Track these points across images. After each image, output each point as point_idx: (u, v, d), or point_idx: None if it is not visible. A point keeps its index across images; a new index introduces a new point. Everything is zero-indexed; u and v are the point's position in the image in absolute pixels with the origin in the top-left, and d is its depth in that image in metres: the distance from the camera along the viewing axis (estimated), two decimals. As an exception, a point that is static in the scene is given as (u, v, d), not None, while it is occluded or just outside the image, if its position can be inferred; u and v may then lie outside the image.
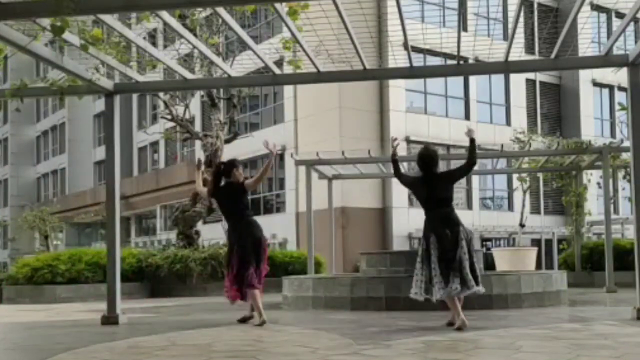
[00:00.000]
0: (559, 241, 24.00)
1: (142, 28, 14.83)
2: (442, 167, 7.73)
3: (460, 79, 31.07)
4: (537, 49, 30.73)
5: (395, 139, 7.80)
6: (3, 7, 6.16)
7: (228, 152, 20.04)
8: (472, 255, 7.17)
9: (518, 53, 9.26)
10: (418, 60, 9.91)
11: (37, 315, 10.81)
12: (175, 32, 7.89)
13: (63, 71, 7.98)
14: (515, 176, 23.35)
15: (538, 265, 21.55)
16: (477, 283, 7.09)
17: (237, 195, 8.14)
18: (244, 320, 8.22)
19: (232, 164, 8.26)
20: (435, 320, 7.87)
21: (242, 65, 13.41)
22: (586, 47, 9.06)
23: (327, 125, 28.21)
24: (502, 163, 20.03)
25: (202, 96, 23.08)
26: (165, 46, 22.16)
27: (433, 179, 7.32)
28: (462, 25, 20.49)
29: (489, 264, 17.49)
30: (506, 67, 8.85)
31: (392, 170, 7.85)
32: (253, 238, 8.00)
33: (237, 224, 8.09)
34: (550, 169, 18.00)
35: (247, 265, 7.89)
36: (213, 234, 22.99)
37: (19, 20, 6.90)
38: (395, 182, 27.81)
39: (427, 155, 7.38)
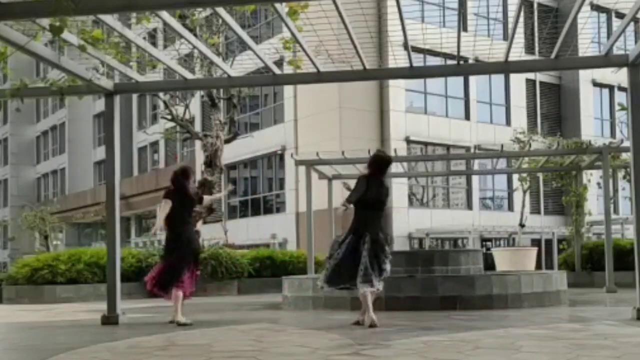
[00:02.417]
0: (559, 241, 23.96)
1: (142, 28, 14.81)
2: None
3: (460, 79, 31.05)
4: (537, 49, 30.71)
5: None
6: (3, 7, 6.16)
7: (228, 152, 20.05)
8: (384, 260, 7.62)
9: (518, 53, 9.26)
10: (418, 60, 9.90)
11: (37, 315, 10.80)
12: (175, 32, 7.89)
13: (63, 71, 7.98)
14: (515, 176, 23.34)
15: (538, 265, 21.53)
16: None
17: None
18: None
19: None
20: (435, 320, 7.88)
21: (242, 65, 13.41)
22: (586, 47, 9.05)
23: (327, 126, 28.20)
24: (502, 163, 20.01)
25: (202, 96, 23.07)
26: (165, 46, 22.15)
27: (382, 184, 7.82)
28: (462, 25, 20.49)
29: (489, 264, 17.47)
30: (506, 67, 8.86)
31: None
32: None
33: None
34: (550, 169, 17.98)
35: None
36: (213, 234, 22.99)
37: (18, 20, 6.90)
38: (394, 182, 27.92)
39: (390, 161, 7.95)
